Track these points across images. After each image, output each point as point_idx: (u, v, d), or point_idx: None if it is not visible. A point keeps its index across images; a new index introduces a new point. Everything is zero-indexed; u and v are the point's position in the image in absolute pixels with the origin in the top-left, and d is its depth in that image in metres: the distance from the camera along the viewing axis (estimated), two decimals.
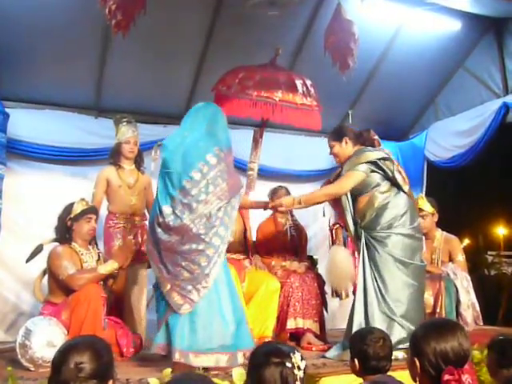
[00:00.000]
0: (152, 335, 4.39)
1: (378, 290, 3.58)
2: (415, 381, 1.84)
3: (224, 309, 3.22)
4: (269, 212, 4.85)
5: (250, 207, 4.30)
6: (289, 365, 1.64)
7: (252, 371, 1.71)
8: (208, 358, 3.10)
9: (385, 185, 3.70)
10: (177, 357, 3.07)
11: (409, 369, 1.87)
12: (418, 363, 1.79)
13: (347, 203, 3.78)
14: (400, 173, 3.76)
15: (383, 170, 3.67)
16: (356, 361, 2.36)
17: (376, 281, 3.59)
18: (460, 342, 1.76)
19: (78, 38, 4.92)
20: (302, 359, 1.67)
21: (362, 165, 3.67)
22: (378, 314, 3.53)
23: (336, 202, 3.97)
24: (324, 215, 4.56)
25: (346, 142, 3.86)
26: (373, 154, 3.74)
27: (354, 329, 3.50)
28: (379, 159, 3.69)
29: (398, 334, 3.45)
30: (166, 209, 3.22)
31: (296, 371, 1.64)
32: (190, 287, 3.17)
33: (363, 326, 3.50)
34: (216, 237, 3.23)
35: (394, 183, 3.71)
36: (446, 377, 1.71)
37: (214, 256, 3.21)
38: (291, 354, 1.66)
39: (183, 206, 3.19)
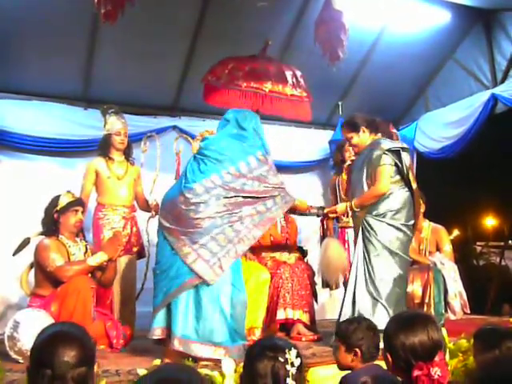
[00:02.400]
0: (142, 326, 4.45)
1: (366, 270, 3.65)
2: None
3: (223, 305, 3.23)
4: None
5: (305, 211, 4.31)
6: (281, 359, 1.65)
7: (247, 363, 1.74)
8: (207, 349, 3.12)
9: (395, 177, 3.73)
10: (176, 344, 3.09)
11: (384, 361, 1.90)
12: (389, 358, 1.82)
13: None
14: (412, 170, 3.81)
15: (401, 163, 3.70)
16: (359, 351, 2.34)
17: (365, 262, 3.66)
18: (429, 336, 1.78)
19: (67, 29, 4.87)
20: (297, 357, 1.68)
21: (386, 157, 3.70)
22: (364, 294, 3.60)
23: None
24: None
25: (364, 131, 3.88)
26: (393, 143, 3.81)
27: (344, 310, 3.60)
28: (402, 148, 3.74)
29: (381, 317, 3.48)
30: (199, 188, 3.27)
31: (288, 367, 1.65)
32: (215, 259, 3.20)
33: (351, 305, 3.59)
34: (249, 217, 3.32)
35: (404, 178, 3.74)
36: (416, 372, 1.74)
37: (243, 231, 3.30)
38: (286, 350, 1.68)
39: (218, 189, 3.27)
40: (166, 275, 3.27)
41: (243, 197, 3.32)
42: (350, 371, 2.32)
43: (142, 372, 2.71)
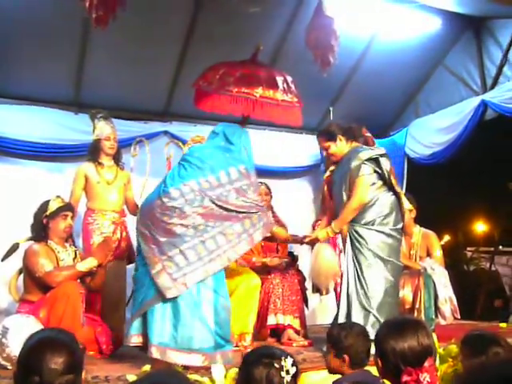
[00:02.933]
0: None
1: (357, 281, 3.63)
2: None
3: (205, 312, 3.19)
4: None
5: (285, 240, 4.34)
6: (277, 366, 1.67)
7: (242, 369, 1.76)
8: (185, 356, 3.09)
9: (378, 183, 3.73)
10: (153, 352, 3.06)
11: (376, 367, 1.91)
12: (380, 363, 1.83)
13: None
14: (392, 173, 3.79)
15: (381, 169, 3.70)
16: (347, 357, 2.33)
17: (357, 273, 3.65)
18: (419, 341, 1.79)
19: (58, 33, 4.87)
20: (293, 365, 1.69)
21: (364, 166, 3.68)
22: (355, 305, 3.58)
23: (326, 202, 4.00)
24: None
25: (341, 140, 3.87)
26: (372, 151, 3.78)
27: (339, 318, 3.59)
28: (380, 155, 3.72)
29: (373, 328, 3.47)
30: (175, 192, 3.25)
31: (283, 374, 1.66)
32: (181, 273, 3.14)
33: (345, 316, 3.58)
34: (221, 235, 3.25)
35: (387, 183, 3.74)
36: (405, 378, 1.74)
37: (217, 250, 3.22)
38: (282, 358, 1.69)
39: (195, 195, 3.24)
40: (142, 284, 3.25)
41: (219, 207, 3.27)
42: (339, 376, 2.32)
43: (131, 378, 2.69)
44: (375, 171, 3.71)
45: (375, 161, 3.71)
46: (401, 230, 3.79)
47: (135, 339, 3.22)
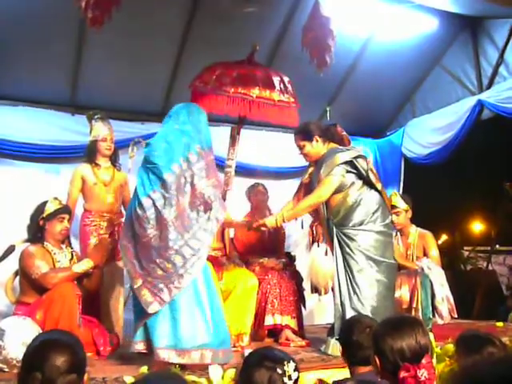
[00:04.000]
0: (129, 334, 4.41)
1: (350, 286, 3.60)
2: (377, 376, 1.89)
3: (204, 309, 3.19)
4: (247, 209, 4.85)
5: (230, 226, 4.26)
6: (279, 371, 1.64)
7: (243, 370, 1.73)
8: (192, 354, 3.09)
9: (358, 183, 3.71)
10: (160, 355, 3.06)
11: (372, 365, 1.91)
12: (377, 361, 1.83)
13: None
14: (371, 170, 3.76)
15: (357, 169, 3.68)
16: (340, 347, 2.39)
17: (348, 277, 3.61)
18: (417, 339, 1.80)
19: (54, 34, 4.86)
20: (295, 370, 1.67)
21: (337, 168, 3.64)
22: (349, 311, 3.55)
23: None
24: (302, 227, 4.53)
25: (317, 140, 3.82)
26: (347, 154, 3.72)
27: (335, 329, 3.56)
28: (354, 158, 3.69)
29: None
30: (146, 201, 3.18)
31: (286, 379, 1.64)
32: (161, 285, 3.11)
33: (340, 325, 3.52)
34: (194, 239, 3.18)
35: (367, 181, 3.72)
36: (402, 374, 1.75)
37: (191, 258, 3.14)
38: (285, 362, 1.67)
39: (165, 201, 3.17)
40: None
41: (182, 209, 3.18)
42: (327, 375, 2.35)
43: (128, 380, 2.69)
44: (351, 172, 3.67)
45: (351, 164, 3.67)
46: (391, 225, 3.78)
47: (139, 346, 3.21)
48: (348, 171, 3.67)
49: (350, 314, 3.52)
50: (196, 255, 3.16)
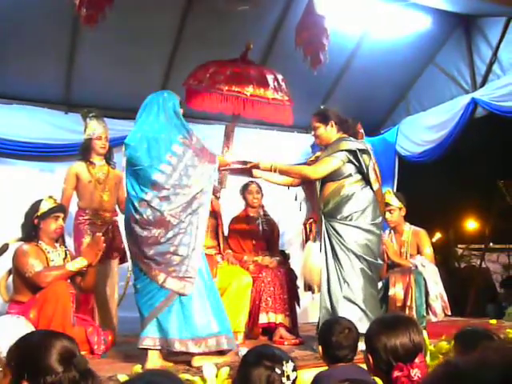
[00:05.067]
0: (124, 332, 4.41)
1: (340, 275, 3.61)
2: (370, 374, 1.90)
3: (214, 296, 3.27)
4: (241, 207, 4.85)
5: (226, 166, 4.19)
6: (278, 371, 1.64)
7: (242, 368, 1.73)
8: (209, 342, 3.12)
9: (356, 177, 3.71)
10: (177, 347, 3.09)
11: (365, 363, 1.92)
12: (371, 359, 1.84)
13: (317, 188, 3.83)
14: (374, 171, 3.77)
15: (359, 162, 3.68)
16: (320, 348, 2.42)
17: (336, 268, 3.62)
18: (411, 338, 1.81)
19: (47, 32, 4.84)
20: (294, 370, 1.67)
21: (340, 152, 3.66)
22: (341, 300, 3.56)
23: (311, 191, 3.97)
24: (296, 199, 4.54)
25: (332, 126, 3.83)
26: (353, 144, 3.73)
27: (321, 317, 3.58)
28: (359, 150, 3.70)
29: (359, 319, 3.47)
30: (141, 205, 3.18)
31: (284, 380, 1.63)
32: (184, 267, 3.17)
33: (330, 313, 3.56)
34: (191, 226, 3.23)
35: (365, 178, 3.73)
36: (396, 373, 1.76)
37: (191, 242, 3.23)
38: (284, 362, 1.66)
39: (161, 200, 3.17)
40: (147, 291, 3.24)
41: (180, 198, 3.21)
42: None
43: (122, 378, 2.69)
44: (352, 163, 3.68)
45: (353, 153, 3.69)
46: (380, 225, 3.78)
47: (148, 342, 3.20)
48: (349, 161, 3.68)
49: (342, 303, 3.55)
50: (195, 241, 3.23)
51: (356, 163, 3.68)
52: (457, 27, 5.87)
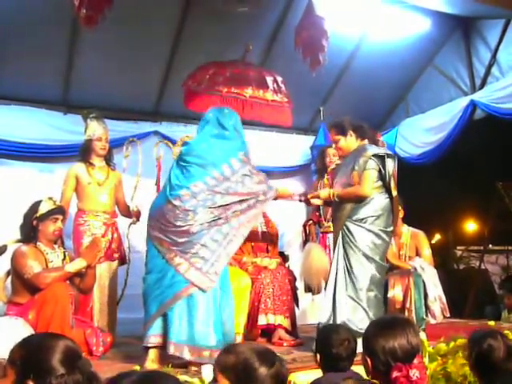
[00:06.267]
0: (123, 333, 4.41)
1: (347, 274, 3.65)
2: (368, 376, 1.90)
3: (220, 308, 3.25)
4: None
5: (288, 198, 4.27)
6: None
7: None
8: (203, 353, 3.12)
9: (377, 183, 3.75)
10: (172, 350, 3.09)
11: (363, 365, 1.92)
12: (369, 361, 1.85)
13: None
14: (394, 178, 3.82)
15: (384, 168, 3.72)
16: (318, 356, 2.42)
17: (346, 266, 3.66)
18: (408, 339, 1.83)
19: (46, 33, 4.84)
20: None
21: (371, 162, 3.71)
22: (345, 298, 3.60)
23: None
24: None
25: (351, 135, 3.88)
26: (378, 149, 3.81)
27: (324, 314, 3.61)
28: (387, 154, 3.75)
29: (361, 319, 3.50)
30: (185, 193, 3.25)
31: None
32: (209, 264, 3.20)
33: (331, 310, 3.59)
34: (229, 226, 3.30)
35: (385, 185, 3.75)
36: (395, 374, 1.77)
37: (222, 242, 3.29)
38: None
39: (206, 195, 3.26)
40: (160, 285, 3.24)
41: (229, 198, 3.30)
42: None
43: None
44: (379, 170, 3.73)
45: (381, 159, 3.73)
46: (391, 234, 3.81)
47: (153, 339, 3.22)
48: (379, 169, 3.72)
49: (345, 301, 3.58)
50: (234, 236, 3.32)
51: (382, 170, 3.72)
52: (456, 29, 5.88)
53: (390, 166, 3.75)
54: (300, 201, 4.25)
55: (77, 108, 5.28)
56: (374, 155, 3.71)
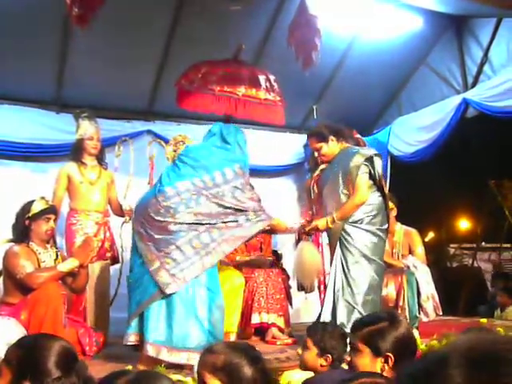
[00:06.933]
0: (116, 333, 4.40)
1: (344, 278, 3.65)
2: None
3: (200, 310, 3.22)
4: None
5: (285, 231, 4.29)
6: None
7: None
8: (180, 355, 3.11)
9: (368, 182, 3.75)
10: (149, 350, 3.08)
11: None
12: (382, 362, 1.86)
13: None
14: (383, 176, 3.82)
15: (373, 168, 3.72)
16: (318, 354, 2.42)
17: (343, 270, 3.66)
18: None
19: (39, 31, 4.80)
20: None
21: (362, 166, 3.70)
22: (341, 302, 3.61)
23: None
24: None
25: (332, 140, 3.86)
26: (367, 150, 3.81)
27: (324, 315, 3.61)
28: (375, 154, 3.75)
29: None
30: (170, 190, 3.27)
31: None
32: (179, 268, 3.18)
33: (330, 315, 3.59)
34: (208, 235, 3.28)
35: (376, 183, 3.75)
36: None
37: (202, 250, 3.27)
38: None
39: (190, 195, 3.28)
40: (139, 284, 3.27)
41: (215, 204, 3.31)
42: (312, 373, 2.37)
43: None
44: (369, 171, 3.73)
45: (370, 160, 3.73)
46: (386, 231, 3.82)
47: (132, 338, 3.24)
48: (369, 171, 3.72)
49: (341, 305, 3.59)
50: (214, 249, 3.27)
51: (372, 170, 3.72)
52: (448, 28, 5.89)
53: (379, 164, 3.75)
54: (299, 236, 4.25)
55: (70, 107, 5.26)
56: (366, 159, 3.70)
